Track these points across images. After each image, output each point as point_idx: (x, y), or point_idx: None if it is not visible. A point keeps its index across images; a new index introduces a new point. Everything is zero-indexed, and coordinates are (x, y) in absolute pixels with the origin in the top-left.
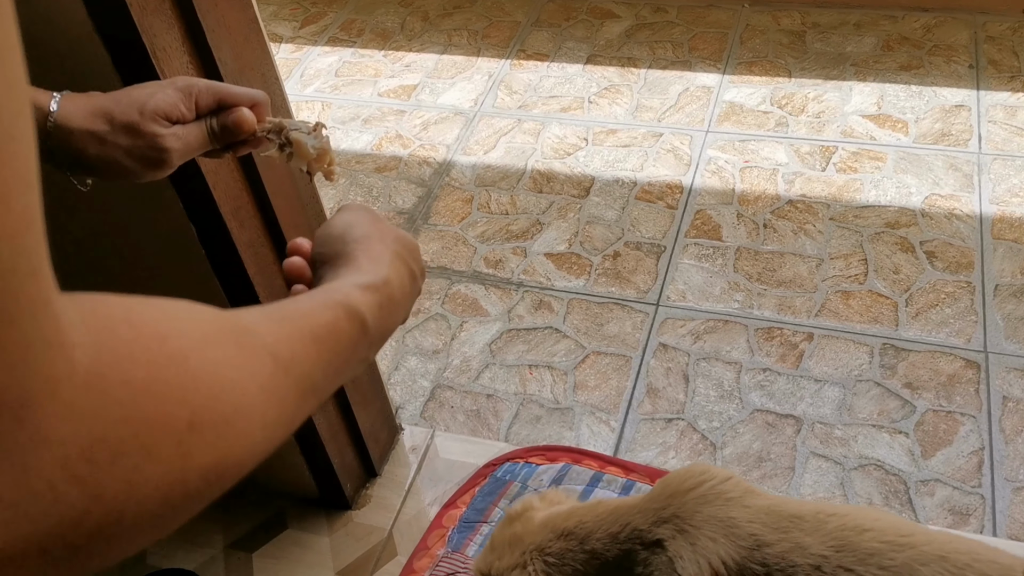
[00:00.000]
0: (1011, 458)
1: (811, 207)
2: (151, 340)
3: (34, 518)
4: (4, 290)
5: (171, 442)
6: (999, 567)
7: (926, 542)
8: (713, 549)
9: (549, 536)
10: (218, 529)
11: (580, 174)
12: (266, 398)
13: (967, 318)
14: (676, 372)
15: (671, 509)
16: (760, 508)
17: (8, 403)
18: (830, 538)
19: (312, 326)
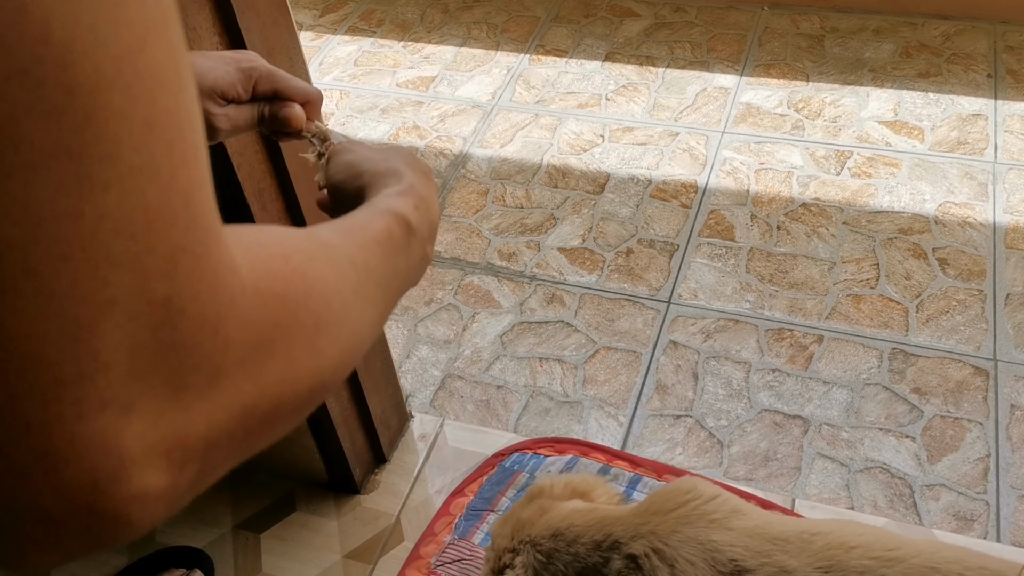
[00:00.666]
0: (1017, 465)
1: (825, 211)
2: (279, 259)
3: (225, 408)
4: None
5: (306, 342)
6: (990, 573)
7: (915, 554)
8: (692, 573)
9: (544, 533)
10: (227, 509)
11: (596, 170)
12: (360, 301)
13: (977, 326)
14: (686, 370)
15: (650, 525)
16: (743, 531)
17: (207, 318)
18: (817, 559)
19: (373, 234)
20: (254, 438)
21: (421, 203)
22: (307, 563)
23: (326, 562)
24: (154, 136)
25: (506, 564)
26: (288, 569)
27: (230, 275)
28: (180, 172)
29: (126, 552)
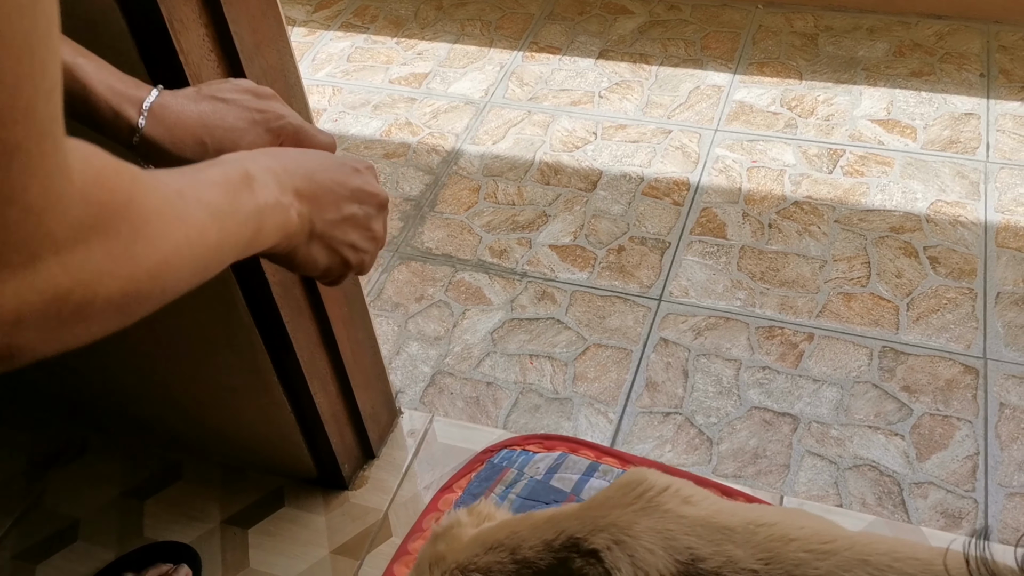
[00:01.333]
0: (1005, 464)
1: (817, 209)
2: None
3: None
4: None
5: (122, 247)
6: (919, 563)
7: (848, 547)
8: (652, 562)
9: (476, 551)
10: (215, 505)
11: (588, 168)
12: (182, 223)
13: (968, 324)
14: (676, 367)
15: (609, 518)
16: (695, 520)
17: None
18: (759, 550)
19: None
20: (68, 327)
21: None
22: (295, 558)
23: (313, 557)
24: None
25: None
26: (275, 564)
27: (61, 177)
28: (26, 82)
29: (114, 547)
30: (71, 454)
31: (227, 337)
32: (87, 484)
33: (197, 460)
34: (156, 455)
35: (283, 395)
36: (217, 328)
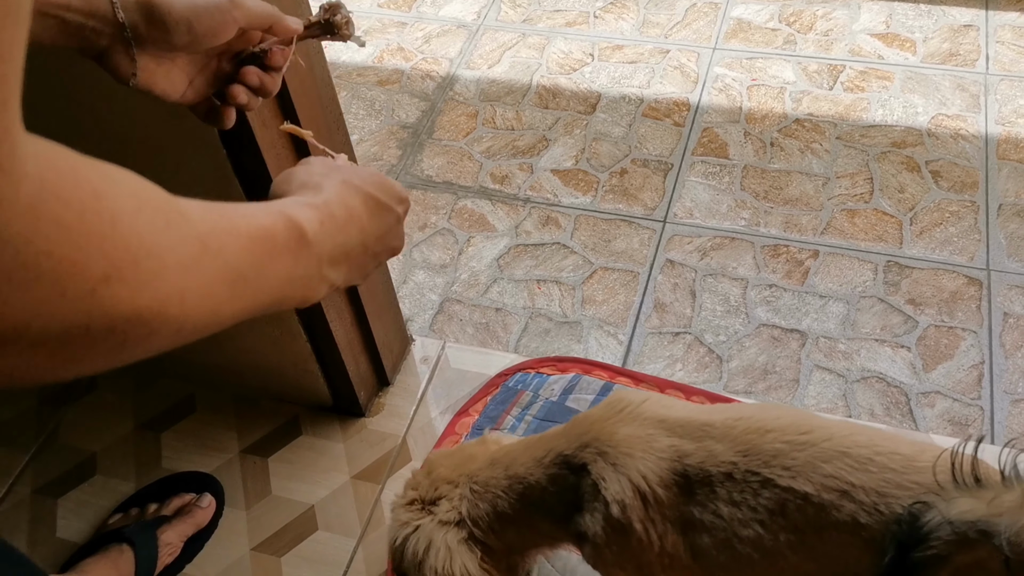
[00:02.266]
0: (1010, 372)
1: (818, 126)
2: (88, 193)
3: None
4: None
5: (84, 287)
6: (901, 459)
7: (826, 438)
8: (632, 465)
9: (483, 465)
10: (232, 435)
11: (586, 90)
12: (188, 277)
13: (970, 236)
14: (683, 288)
15: (592, 433)
16: (675, 421)
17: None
18: (738, 443)
19: (249, 225)
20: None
21: (329, 220)
22: (316, 484)
23: (335, 483)
24: None
25: (441, 495)
26: (297, 490)
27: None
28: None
29: (133, 480)
30: (80, 390)
31: None
32: (100, 419)
33: (210, 392)
34: (167, 388)
35: (298, 324)
36: None
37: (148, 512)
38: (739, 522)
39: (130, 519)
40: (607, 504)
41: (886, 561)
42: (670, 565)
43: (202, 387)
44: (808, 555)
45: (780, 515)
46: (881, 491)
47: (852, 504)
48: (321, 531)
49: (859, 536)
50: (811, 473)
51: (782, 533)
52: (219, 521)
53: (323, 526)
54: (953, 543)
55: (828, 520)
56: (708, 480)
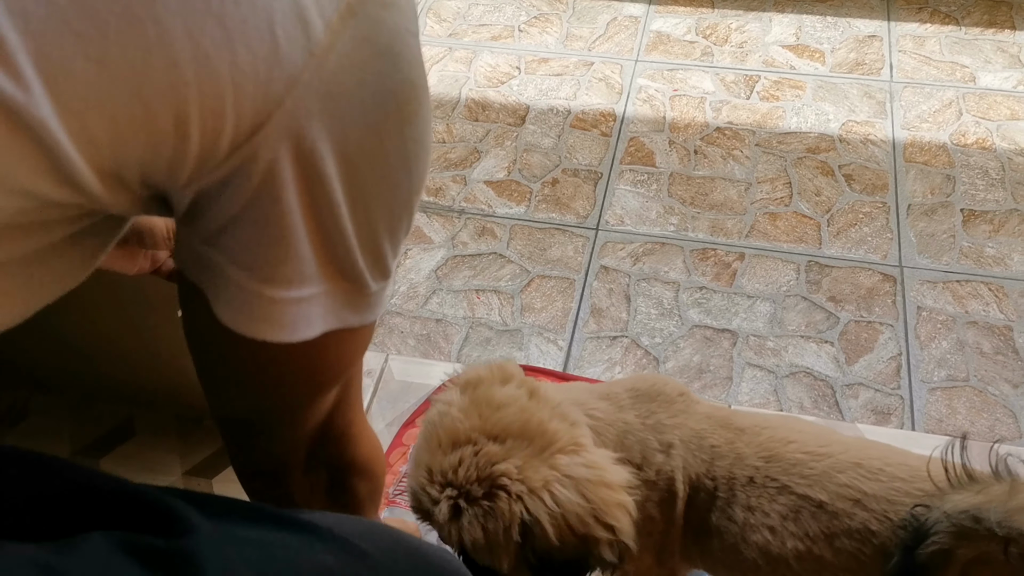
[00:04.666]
0: (926, 362)
1: (738, 134)
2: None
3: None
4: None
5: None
6: (909, 469)
7: (842, 451)
8: (693, 465)
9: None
10: (175, 458)
11: (515, 102)
12: None
13: (883, 235)
14: (618, 292)
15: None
16: (716, 421)
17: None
18: (762, 449)
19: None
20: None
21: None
22: None
23: None
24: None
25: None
26: None
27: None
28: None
29: None
30: (13, 417)
31: None
32: (36, 446)
33: (150, 414)
34: (105, 412)
35: None
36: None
37: None
38: (750, 527)
39: None
40: (675, 496)
41: (894, 563)
42: (685, 557)
43: (141, 409)
44: (814, 564)
45: (792, 521)
46: (891, 499)
47: (864, 512)
48: None
49: (870, 543)
50: (827, 482)
51: (791, 540)
52: None
53: None
54: (952, 535)
55: (841, 528)
56: (731, 484)
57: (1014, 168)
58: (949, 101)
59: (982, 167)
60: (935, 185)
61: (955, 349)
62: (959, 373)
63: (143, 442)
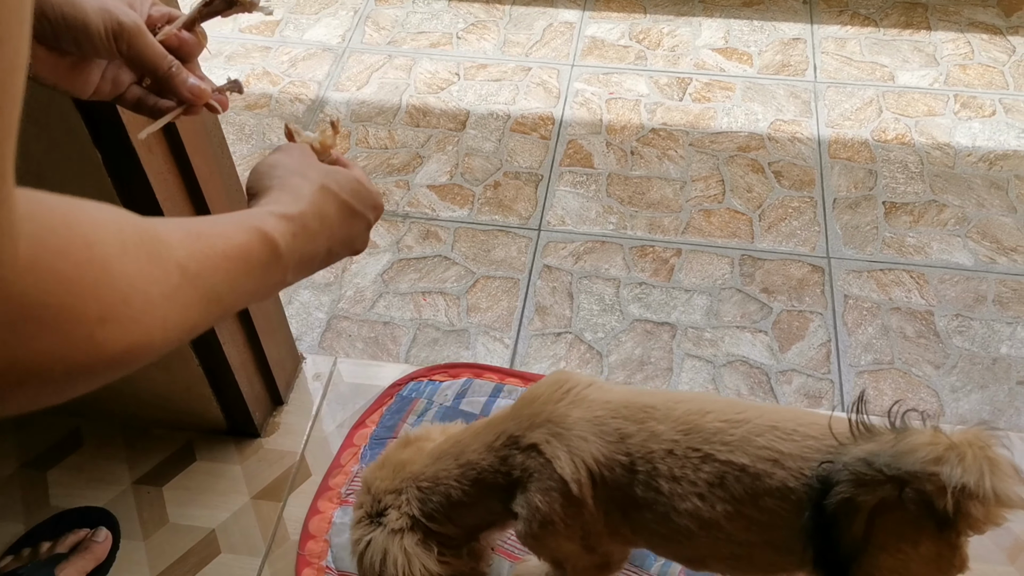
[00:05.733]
0: (853, 347)
1: (672, 134)
2: (81, 243)
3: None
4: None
5: (84, 331)
6: (820, 428)
7: (758, 416)
8: (586, 448)
9: (427, 462)
10: (123, 466)
11: (455, 108)
12: (170, 305)
13: (811, 229)
14: (561, 290)
15: (544, 414)
16: (619, 403)
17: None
18: (679, 423)
19: (225, 246)
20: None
21: (302, 232)
22: (216, 508)
23: (235, 505)
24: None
25: (387, 505)
26: (197, 516)
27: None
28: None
29: (21, 520)
30: None
31: None
32: None
33: (96, 424)
34: (50, 424)
35: (189, 348)
36: None
37: (42, 551)
38: (678, 496)
39: (23, 560)
40: (566, 483)
41: (806, 517)
42: (614, 534)
43: (88, 419)
44: (744, 524)
45: (719, 487)
46: (805, 456)
47: (782, 471)
48: (225, 554)
49: (789, 500)
50: (747, 447)
51: (720, 504)
52: (116, 554)
53: (226, 548)
54: (851, 483)
55: (763, 487)
56: (650, 458)
57: (932, 162)
58: (870, 99)
59: (902, 161)
60: (858, 179)
61: (880, 334)
62: (884, 357)
63: (91, 453)
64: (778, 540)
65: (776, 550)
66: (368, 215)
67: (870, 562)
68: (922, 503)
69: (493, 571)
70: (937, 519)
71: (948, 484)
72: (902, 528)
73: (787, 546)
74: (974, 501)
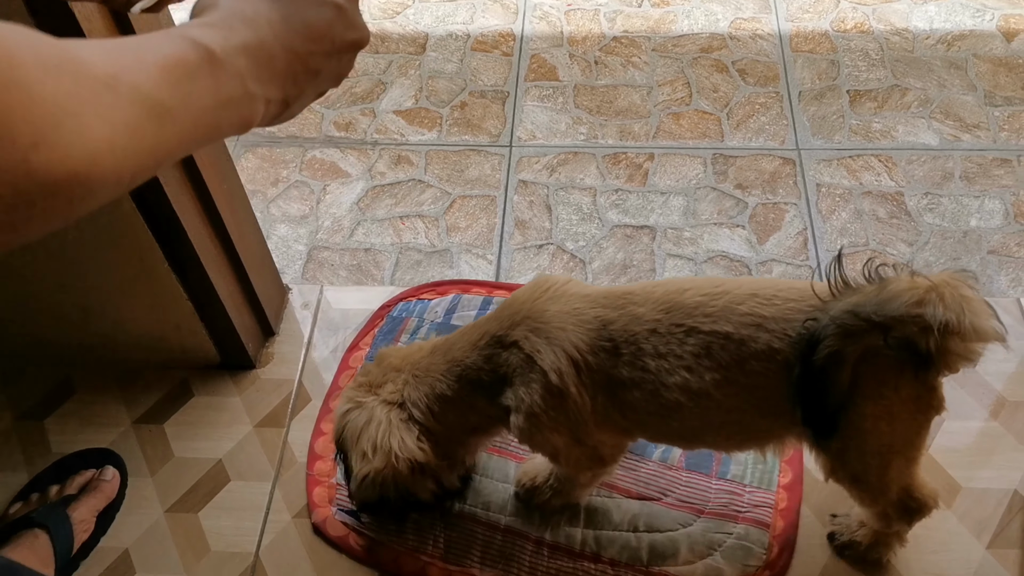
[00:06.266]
0: (829, 233)
1: (634, 41)
2: (5, 63)
3: None
4: None
5: (16, 156)
6: (798, 291)
7: (736, 287)
8: (565, 337)
9: (425, 353)
10: (121, 408)
11: (413, 31)
12: (110, 127)
13: (779, 123)
14: (539, 204)
15: (523, 313)
16: (598, 294)
17: None
18: (659, 304)
19: (155, 56)
20: None
21: (234, 34)
22: (219, 439)
23: (238, 435)
24: None
25: (388, 380)
26: (201, 449)
27: None
28: None
29: (24, 470)
30: None
31: (111, 234)
32: None
33: (87, 373)
34: (39, 376)
35: (178, 285)
36: (99, 225)
37: (51, 495)
38: (666, 371)
39: (32, 505)
40: (545, 373)
41: (795, 374)
42: (603, 422)
43: (77, 368)
44: (733, 390)
45: (706, 357)
46: (787, 318)
47: (766, 334)
48: (234, 481)
49: (775, 360)
50: (729, 315)
51: (708, 373)
52: (126, 492)
53: (235, 476)
54: (838, 336)
55: (749, 352)
56: (633, 339)
57: (892, 47)
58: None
59: (862, 49)
60: (821, 71)
61: (854, 218)
62: (859, 239)
63: (84, 399)
64: (767, 403)
65: (765, 414)
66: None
67: (856, 412)
68: (904, 347)
69: (500, 472)
70: (917, 362)
71: (932, 323)
72: (884, 374)
73: (776, 408)
74: (954, 338)
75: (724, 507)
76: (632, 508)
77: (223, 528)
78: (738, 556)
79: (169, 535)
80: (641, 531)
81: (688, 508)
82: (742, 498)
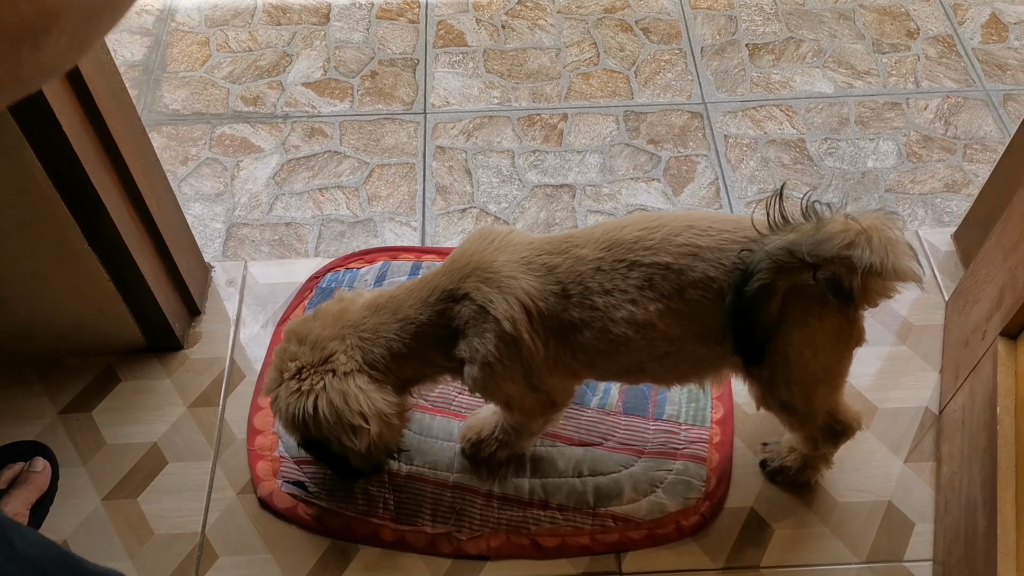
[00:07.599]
0: (739, 182)
1: (539, 4)
2: None
3: None
4: None
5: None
6: (734, 222)
7: (672, 220)
8: (516, 285)
9: (365, 314)
10: (44, 400)
11: (315, 1)
12: None
13: (685, 78)
14: (458, 169)
15: (472, 265)
16: (542, 241)
17: None
18: (600, 243)
19: None
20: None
21: None
22: (152, 423)
23: (172, 416)
24: None
25: (332, 352)
26: (135, 433)
27: None
28: None
29: None
30: None
31: (27, 215)
32: None
33: (2, 364)
34: None
35: (99, 266)
36: (13, 207)
37: None
38: (613, 306)
39: None
40: (498, 322)
41: (727, 302)
42: (555, 366)
43: None
44: (674, 319)
45: (648, 288)
46: (721, 248)
47: (702, 263)
48: (173, 463)
49: (711, 288)
50: (667, 247)
51: (651, 303)
52: (58, 483)
53: (173, 458)
54: (772, 270)
55: (687, 280)
56: (580, 279)
57: (784, 1)
58: None
59: (757, 4)
60: (720, 26)
61: (761, 166)
62: (768, 185)
63: (5, 393)
64: (705, 331)
65: (703, 342)
66: None
67: (782, 339)
68: (830, 283)
69: (444, 431)
70: (842, 297)
71: (858, 265)
72: (810, 306)
73: (712, 336)
74: (876, 278)
75: (662, 446)
76: (575, 454)
77: (165, 511)
78: (679, 490)
79: (109, 522)
80: (586, 476)
81: (629, 450)
82: (679, 436)
